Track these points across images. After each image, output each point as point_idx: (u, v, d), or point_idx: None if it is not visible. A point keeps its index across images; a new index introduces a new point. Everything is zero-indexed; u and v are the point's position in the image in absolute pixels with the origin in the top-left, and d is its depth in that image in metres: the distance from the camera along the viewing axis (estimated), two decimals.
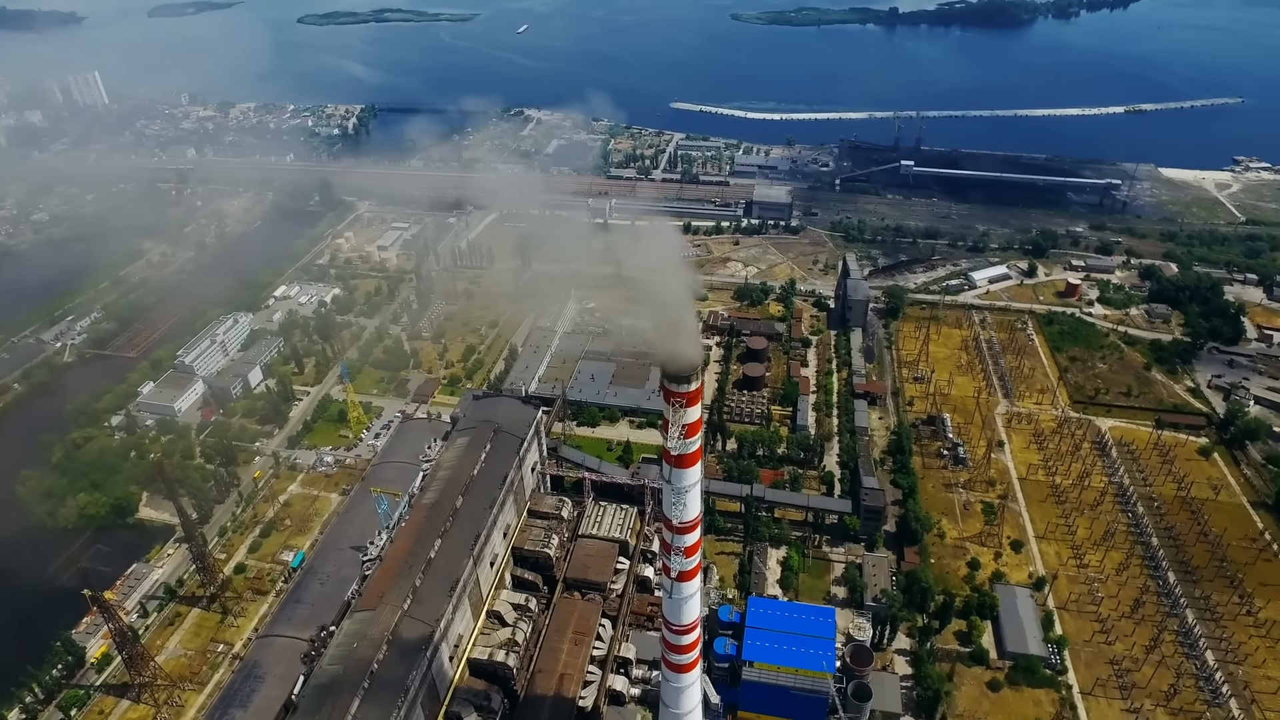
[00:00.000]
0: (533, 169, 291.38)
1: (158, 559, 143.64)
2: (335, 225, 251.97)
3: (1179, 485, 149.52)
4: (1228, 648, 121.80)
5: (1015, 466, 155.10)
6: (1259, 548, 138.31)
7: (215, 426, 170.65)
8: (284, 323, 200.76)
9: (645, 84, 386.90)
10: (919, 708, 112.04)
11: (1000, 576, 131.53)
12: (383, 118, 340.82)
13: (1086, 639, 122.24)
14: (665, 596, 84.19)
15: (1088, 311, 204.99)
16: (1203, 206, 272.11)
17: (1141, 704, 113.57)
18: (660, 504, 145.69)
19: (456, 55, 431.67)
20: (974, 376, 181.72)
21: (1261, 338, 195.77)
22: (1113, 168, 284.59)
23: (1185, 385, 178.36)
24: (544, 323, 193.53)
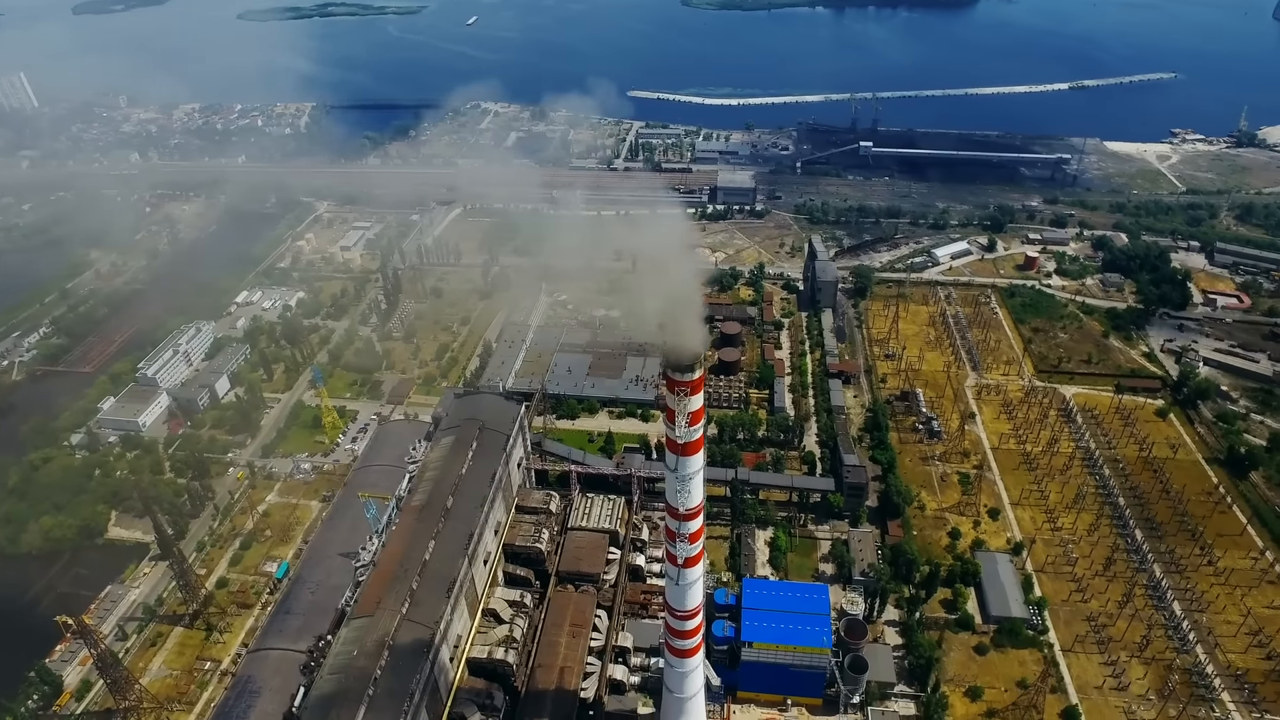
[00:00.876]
0: (493, 163, 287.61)
1: (133, 579, 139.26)
2: (295, 227, 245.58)
3: (1140, 446, 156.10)
4: (1192, 597, 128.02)
5: (987, 437, 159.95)
6: (1214, 501, 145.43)
7: (184, 439, 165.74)
8: (249, 329, 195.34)
9: (600, 73, 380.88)
10: (911, 675, 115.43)
11: (980, 544, 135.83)
12: (335, 115, 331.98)
13: (1064, 599, 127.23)
14: (669, 583, 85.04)
15: (1046, 283, 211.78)
16: (1146, 178, 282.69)
17: (1117, 656, 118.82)
18: (646, 493, 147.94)
19: (406, 49, 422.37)
20: (943, 351, 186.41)
21: (1206, 302, 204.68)
22: (1061, 142, 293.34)
23: (1140, 350, 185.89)
24: (517, 317, 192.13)
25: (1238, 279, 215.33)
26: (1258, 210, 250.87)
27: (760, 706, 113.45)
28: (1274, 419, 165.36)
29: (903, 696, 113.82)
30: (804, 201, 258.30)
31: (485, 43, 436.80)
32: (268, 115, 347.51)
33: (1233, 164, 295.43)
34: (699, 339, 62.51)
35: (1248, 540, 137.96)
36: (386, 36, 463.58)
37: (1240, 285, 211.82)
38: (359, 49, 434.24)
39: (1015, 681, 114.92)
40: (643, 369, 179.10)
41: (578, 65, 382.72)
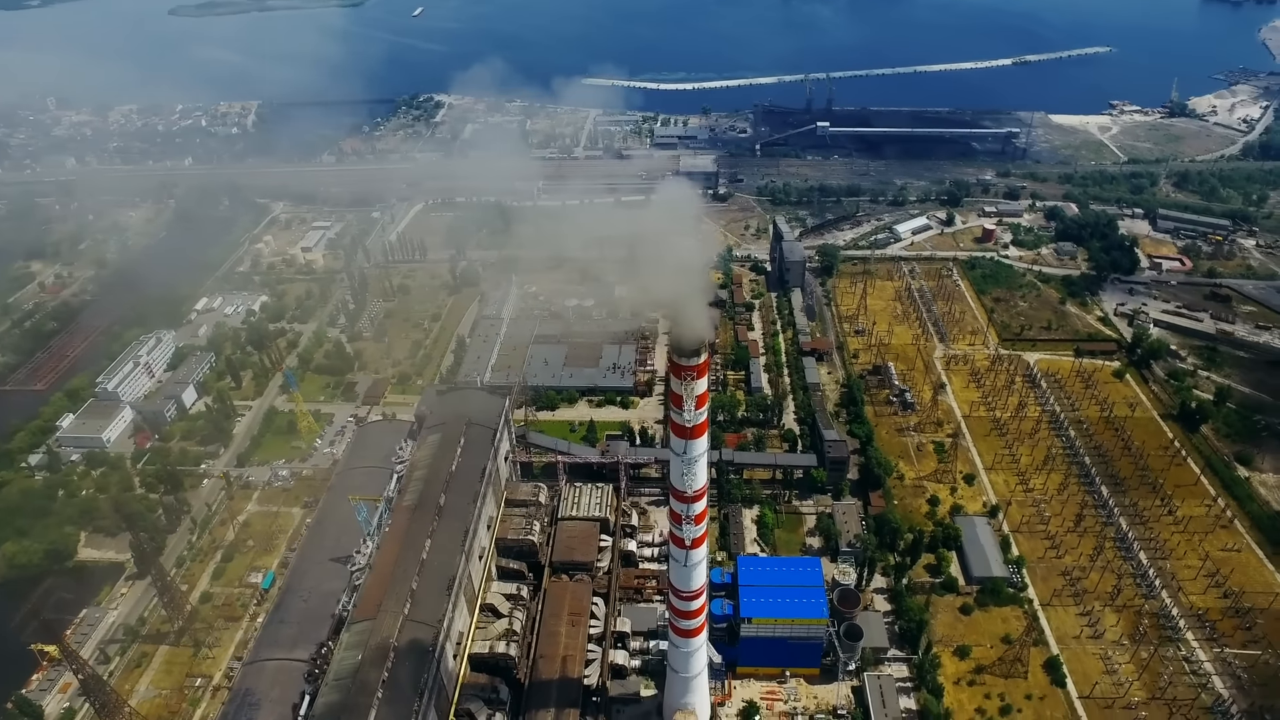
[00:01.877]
0: (450, 155, 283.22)
1: (110, 600, 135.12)
2: (252, 229, 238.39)
3: (1101, 407, 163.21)
4: (1156, 546, 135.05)
5: (958, 405, 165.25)
6: (1170, 454, 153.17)
7: (153, 453, 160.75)
8: (212, 337, 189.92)
9: (554, 61, 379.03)
10: (902, 639, 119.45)
11: (959, 509, 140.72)
12: (284, 113, 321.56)
13: (1040, 556, 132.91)
14: (674, 565, 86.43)
15: (1004, 254, 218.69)
16: (1090, 149, 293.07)
17: (1092, 607, 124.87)
18: (632, 479, 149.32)
19: (352, 43, 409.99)
20: (910, 325, 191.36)
21: (1152, 266, 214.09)
22: (1009, 117, 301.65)
23: (1095, 315, 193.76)
24: (489, 311, 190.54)
25: (1179, 243, 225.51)
26: (1193, 177, 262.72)
27: (760, 680, 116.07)
28: (1218, 374, 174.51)
29: (895, 660, 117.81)
30: (765, 183, 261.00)
31: (433, 34, 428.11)
32: (211, 115, 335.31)
33: (1168, 133, 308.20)
34: (706, 324, 63.55)
35: (1201, 489, 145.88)
36: (331, 30, 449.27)
37: (1181, 249, 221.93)
38: (302, 44, 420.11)
39: (1000, 638, 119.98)
40: (619, 356, 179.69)
41: (529, 54, 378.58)
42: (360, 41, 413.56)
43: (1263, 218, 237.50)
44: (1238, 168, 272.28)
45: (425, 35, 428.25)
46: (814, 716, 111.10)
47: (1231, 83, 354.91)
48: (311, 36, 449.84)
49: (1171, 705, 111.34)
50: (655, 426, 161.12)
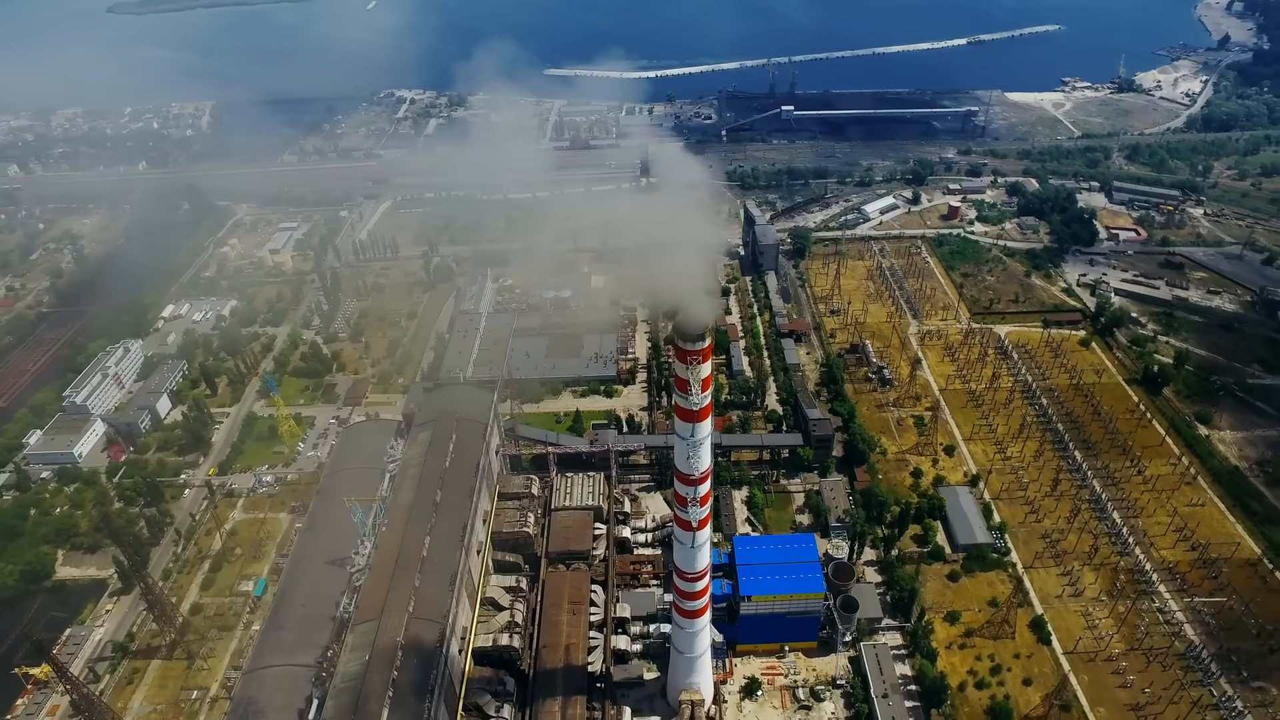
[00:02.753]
0: (416, 151, 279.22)
1: (94, 617, 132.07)
2: (215, 233, 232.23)
3: (1070, 375, 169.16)
4: (1127, 505, 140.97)
5: (935, 380, 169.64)
6: (1136, 417, 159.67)
7: (129, 466, 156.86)
8: (182, 344, 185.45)
9: (513, 52, 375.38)
10: (895, 609, 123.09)
11: (941, 480, 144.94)
12: (239, 112, 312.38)
13: (1021, 521, 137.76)
14: (680, 547, 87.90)
15: (970, 231, 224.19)
16: (1045, 125, 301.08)
17: (1072, 567, 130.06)
18: (620, 466, 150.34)
19: (306, 39, 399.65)
20: (884, 303, 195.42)
21: (1110, 237, 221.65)
22: (968, 96, 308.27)
23: (1060, 286, 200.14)
24: (466, 306, 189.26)
25: (1134, 214, 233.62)
26: (1143, 150, 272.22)
27: (759, 657, 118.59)
28: (1176, 339, 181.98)
29: (889, 629, 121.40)
30: (734, 168, 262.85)
31: (388, 28, 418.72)
32: (163, 117, 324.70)
33: (1117, 108, 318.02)
34: (712, 308, 64.66)
35: (1167, 449, 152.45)
36: (282, 26, 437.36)
37: (1136, 220, 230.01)
38: (254, 41, 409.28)
39: (987, 601, 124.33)
40: (600, 345, 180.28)
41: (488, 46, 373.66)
42: (312, 37, 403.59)
43: (1208, 187, 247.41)
44: (1183, 140, 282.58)
45: (380, 29, 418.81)
46: (814, 688, 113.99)
47: (1173, 58, 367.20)
48: (261, 33, 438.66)
49: (1149, 654, 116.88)
50: (640, 414, 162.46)
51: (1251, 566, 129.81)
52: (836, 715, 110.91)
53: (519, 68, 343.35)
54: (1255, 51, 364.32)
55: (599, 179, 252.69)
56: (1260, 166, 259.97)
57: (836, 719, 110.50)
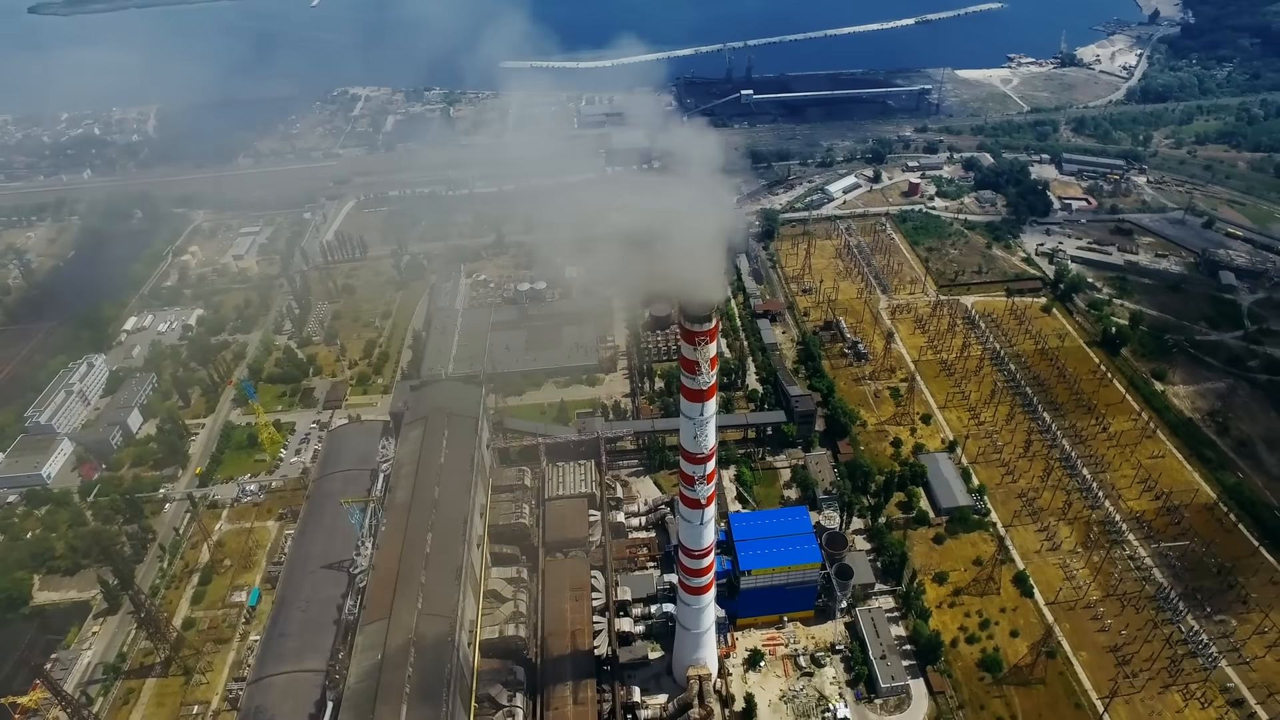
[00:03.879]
0: (376, 149, 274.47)
1: (79, 640, 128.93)
2: (173, 241, 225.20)
3: (1035, 340, 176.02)
4: (1095, 461, 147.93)
5: (908, 352, 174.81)
6: (1098, 377, 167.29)
7: (103, 483, 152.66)
8: (149, 356, 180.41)
9: (466, 46, 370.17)
10: (886, 574, 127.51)
11: (921, 448, 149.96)
12: (187, 116, 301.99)
13: (998, 482, 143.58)
14: (685, 525, 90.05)
15: (931, 206, 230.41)
16: (995, 100, 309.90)
17: (1048, 523, 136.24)
18: (608, 453, 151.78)
19: (250, 38, 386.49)
20: (853, 280, 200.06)
21: (1063, 207, 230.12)
22: (920, 74, 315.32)
23: (1019, 256, 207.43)
24: (442, 302, 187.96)
25: (1083, 184, 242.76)
26: (1088, 122, 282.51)
27: (759, 629, 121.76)
28: (1130, 301, 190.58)
29: (881, 593, 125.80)
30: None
31: (336, 24, 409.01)
32: (105, 122, 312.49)
33: (1062, 82, 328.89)
34: (720, 288, 66.31)
35: (1127, 406, 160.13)
36: (225, 25, 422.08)
37: (1086, 189, 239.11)
38: (194, 41, 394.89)
39: (972, 561, 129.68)
40: (579, 335, 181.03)
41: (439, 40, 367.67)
42: (259, 37, 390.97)
43: (1149, 156, 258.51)
44: (1124, 111, 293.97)
45: (327, 26, 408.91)
46: (814, 655, 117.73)
47: (1109, 33, 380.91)
48: (201, 33, 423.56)
49: (1122, 599, 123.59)
50: (624, 400, 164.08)
51: (1209, 510, 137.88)
52: (838, 679, 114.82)
53: (473, 61, 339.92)
54: (1182, 26, 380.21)
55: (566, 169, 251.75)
56: (1194, 135, 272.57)
57: (838, 682, 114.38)
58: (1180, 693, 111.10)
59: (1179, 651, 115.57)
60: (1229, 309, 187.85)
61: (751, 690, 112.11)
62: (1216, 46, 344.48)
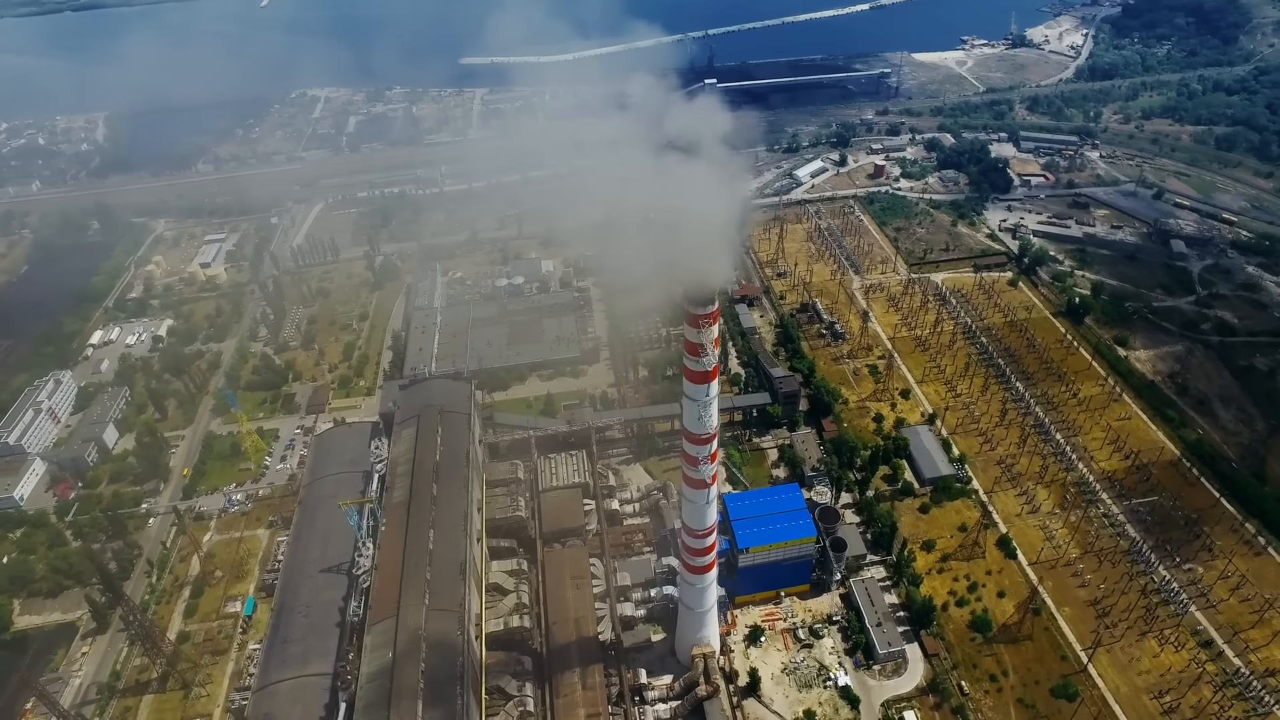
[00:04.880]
0: (340, 152, 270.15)
1: (68, 663, 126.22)
2: (134, 252, 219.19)
3: (1004, 313, 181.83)
4: (1067, 426, 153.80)
5: (883, 330, 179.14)
6: (1065, 346, 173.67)
7: (81, 502, 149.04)
8: (119, 370, 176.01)
9: (424, 44, 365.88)
10: (876, 545, 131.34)
11: (902, 422, 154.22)
12: (138, 122, 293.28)
13: (977, 451, 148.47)
14: (688, 505, 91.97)
15: (896, 187, 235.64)
16: (952, 82, 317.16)
17: (1026, 487, 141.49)
18: (598, 442, 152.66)
19: (198, 41, 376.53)
20: (826, 262, 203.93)
21: (1023, 183, 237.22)
22: (878, 59, 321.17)
23: (984, 233, 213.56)
24: (420, 301, 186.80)
25: (1040, 160, 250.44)
26: (1041, 101, 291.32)
27: (757, 605, 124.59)
28: (1090, 272, 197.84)
29: (872, 564, 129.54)
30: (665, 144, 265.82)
31: (287, 25, 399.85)
32: (49, 132, 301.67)
33: (1014, 63, 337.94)
34: (726, 271, 67.88)
35: (1094, 372, 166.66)
36: (169, 28, 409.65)
37: (1043, 165, 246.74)
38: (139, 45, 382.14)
39: (957, 527, 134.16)
40: (560, 328, 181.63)
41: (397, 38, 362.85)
42: (207, 39, 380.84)
43: (1100, 132, 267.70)
44: (1075, 89, 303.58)
45: (278, 26, 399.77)
46: (812, 627, 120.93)
47: (1055, 14, 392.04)
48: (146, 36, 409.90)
49: (1099, 555, 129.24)
50: (610, 390, 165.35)
51: (1174, 466, 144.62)
52: (836, 649, 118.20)
53: (433, 58, 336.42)
54: (1123, 5, 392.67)
55: (534, 165, 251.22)
56: (1140, 111, 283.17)
57: (837, 652, 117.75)
58: (1156, 638, 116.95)
59: (1153, 600, 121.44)
60: (1181, 276, 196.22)
61: (754, 665, 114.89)
62: (1155, 25, 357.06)
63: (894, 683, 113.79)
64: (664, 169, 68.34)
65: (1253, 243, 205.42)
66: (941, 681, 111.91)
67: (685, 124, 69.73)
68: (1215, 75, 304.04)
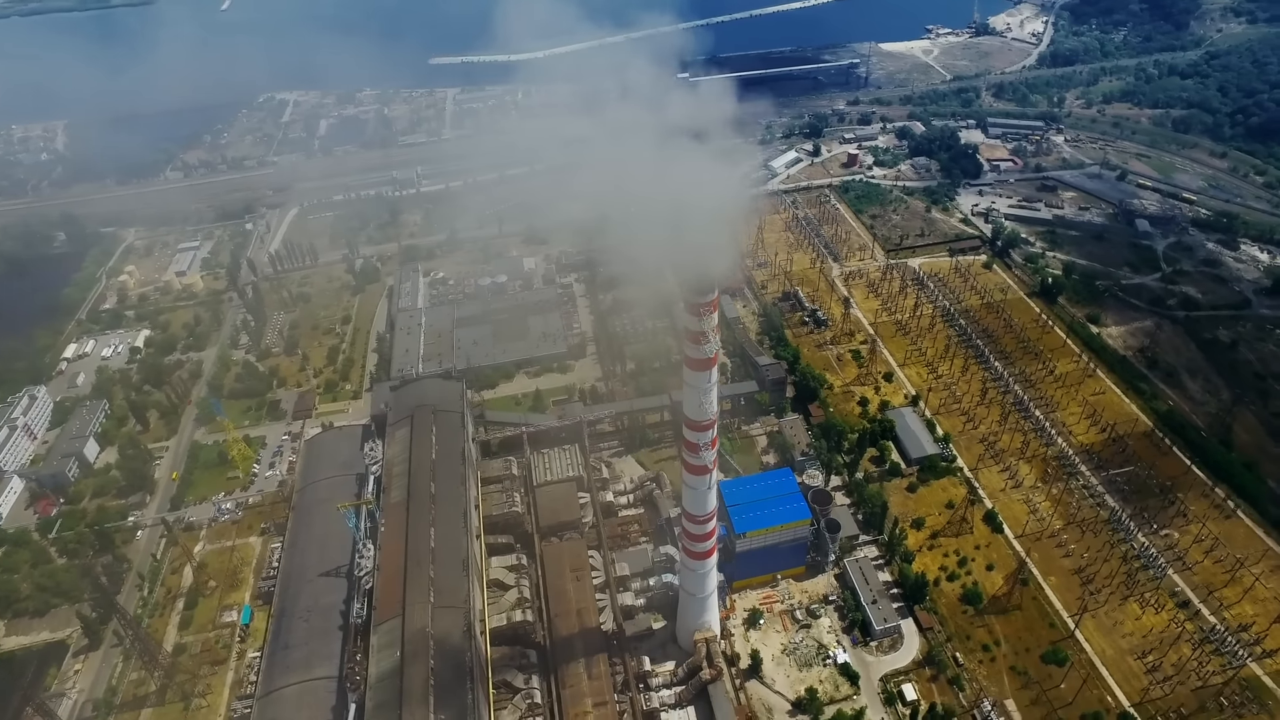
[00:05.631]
0: (313, 156, 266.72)
1: (60, 681, 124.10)
2: (105, 263, 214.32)
3: (980, 295, 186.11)
4: (1045, 402, 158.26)
5: (864, 315, 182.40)
6: (1040, 325, 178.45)
7: (64, 518, 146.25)
8: (96, 383, 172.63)
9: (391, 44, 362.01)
10: (868, 525, 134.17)
11: (887, 404, 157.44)
12: (101, 130, 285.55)
13: (960, 430, 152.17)
14: (689, 492, 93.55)
15: (870, 175, 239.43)
16: (919, 71, 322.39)
17: (1009, 463, 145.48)
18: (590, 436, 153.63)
19: (158, 45, 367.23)
20: (805, 251, 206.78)
21: (992, 168, 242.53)
22: (846, 49, 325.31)
23: (957, 217, 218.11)
24: (404, 303, 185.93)
25: (1008, 145, 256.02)
26: (1007, 87, 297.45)
27: (754, 589, 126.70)
28: (1061, 253, 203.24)
29: (865, 543, 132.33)
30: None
31: (250, 27, 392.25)
32: (6, 142, 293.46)
33: (978, 50, 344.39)
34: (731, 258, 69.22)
35: (1069, 349, 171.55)
36: (126, 33, 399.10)
37: (1011, 150, 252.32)
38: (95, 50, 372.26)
39: (944, 505, 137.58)
40: (545, 325, 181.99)
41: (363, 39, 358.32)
42: (166, 44, 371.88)
43: (1064, 116, 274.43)
44: (1038, 75, 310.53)
45: (241, 29, 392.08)
46: (809, 607, 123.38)
47: (1016, 1, 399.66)
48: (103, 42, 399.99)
49: (1081, 525, 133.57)
50: (598, 384, 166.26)
51: (1148, 437, 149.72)
52: (833, 627, 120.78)
53: (403, 59, 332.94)
54: None
55: (512, 163, 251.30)
56: (1101, 95, 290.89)
57: (834, 631, 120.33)
58: (1137, 602, 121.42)
59: (1133, 566, 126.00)
60: (1147, 254, 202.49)
61: (755, 647, 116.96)
62: (1111, 11, 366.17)
63: (891, 657, 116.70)
64: (668, 160, 69.55)
65: (1211, 220, 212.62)
66: (937, 654, 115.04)
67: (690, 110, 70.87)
68: (1170, 60, 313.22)
